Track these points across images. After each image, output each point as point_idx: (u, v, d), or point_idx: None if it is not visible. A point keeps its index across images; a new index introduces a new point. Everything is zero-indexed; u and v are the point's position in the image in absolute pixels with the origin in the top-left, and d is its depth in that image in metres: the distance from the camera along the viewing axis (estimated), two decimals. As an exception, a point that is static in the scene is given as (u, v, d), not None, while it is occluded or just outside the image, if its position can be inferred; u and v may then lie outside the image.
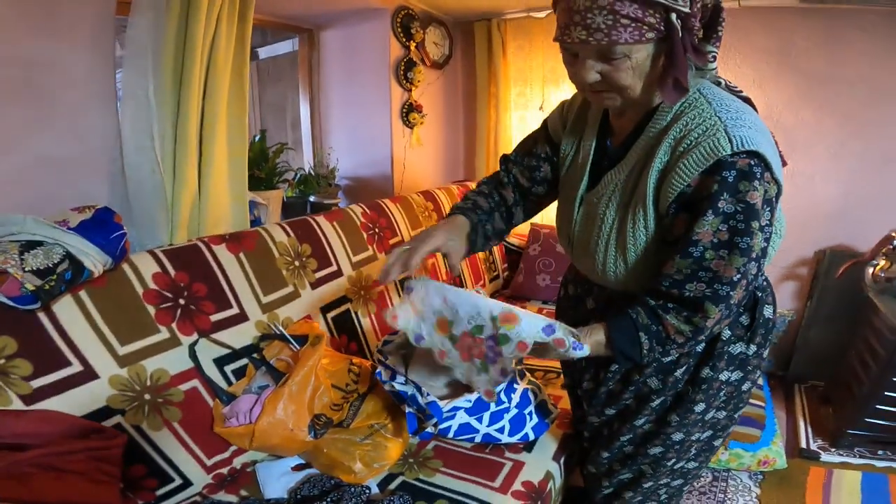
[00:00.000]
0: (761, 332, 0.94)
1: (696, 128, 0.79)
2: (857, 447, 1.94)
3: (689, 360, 0.95)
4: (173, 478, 1.02)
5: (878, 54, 2.06)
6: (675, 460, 1.04)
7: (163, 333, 1.04)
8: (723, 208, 0.77)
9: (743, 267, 0.78)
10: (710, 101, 0.80)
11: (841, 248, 2.26)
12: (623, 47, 0.75)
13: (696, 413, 0.97)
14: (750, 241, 0.77)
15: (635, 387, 1.00)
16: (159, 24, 1.17)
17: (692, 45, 0.77)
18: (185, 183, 1.25)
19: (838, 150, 2.20)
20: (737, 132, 0.76)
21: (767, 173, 0.77)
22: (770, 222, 0.79)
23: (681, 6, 0.73)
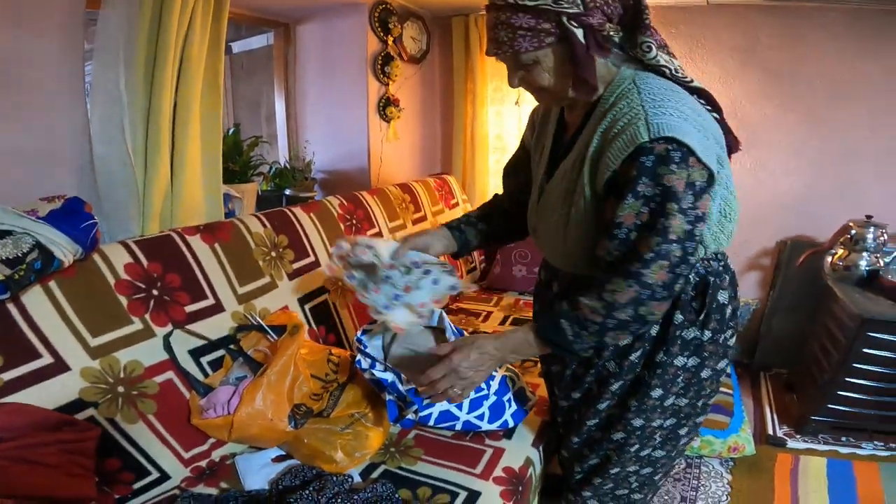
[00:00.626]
0: (716, 317, 0.96)
1: (623, 117, 0.83)
2: (822, 433, 1.99)
3: (645, 345, 0.97)
4: (150, 471, 1.00)
5: (837, 52, 2.15)
6: (639, 446, 1.06)
7: (136, 324, 1.03)
8: (642, 191, 0.80)
9: (657, 247, 0.80)
10: (640, 91, 0.83)
11: (801, 239, 2.34)
12: (529, 54, 0.84)
13: (654, 398, 0.99)
14: (666, 221, 0.79)
15: (595, 370, 1.03)
16: (131, 17, 1.17)
17: (596, 42, 0.83)
18: (156, 175, 1.24)
19: (798, 144, 2.29)
20: (655, 119, 0.79)
21: (692, 158, 0.79)
22: (696, 206, 0.81)
23: (567, 9, 0.80)
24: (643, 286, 0.82)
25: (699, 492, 1.70)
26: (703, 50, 2.31)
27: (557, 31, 0.82)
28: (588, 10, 0.81)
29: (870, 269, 1.98)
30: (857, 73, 2.15)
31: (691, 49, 2.32)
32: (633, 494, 1.16)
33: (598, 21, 0.82)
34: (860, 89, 2.16)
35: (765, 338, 2.47)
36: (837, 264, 2.05)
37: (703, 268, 0.96)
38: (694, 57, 2.33)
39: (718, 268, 0.98)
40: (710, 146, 0.83)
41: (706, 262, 0.97)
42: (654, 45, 0.85)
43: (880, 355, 1.79)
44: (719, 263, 0.98)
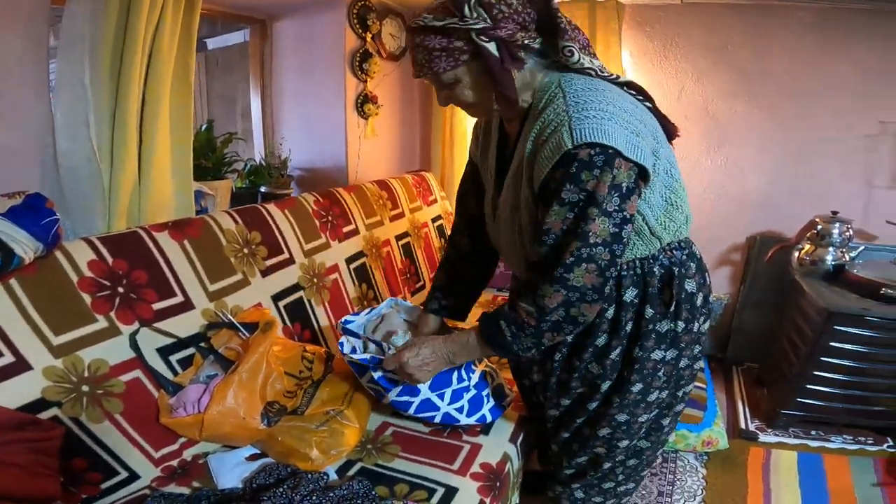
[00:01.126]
0: (686, 307, 0.96)
1: (550, 123, 0.84)
2: (792, 427, 2.02)
3: (623, 342, 0.98)
4: (118, 471, 0.99)
5: (804, 50, 2.20)
6: (627, 440, 1.07)
7: (100, 323, 1.01)
8: (567, 198, 0.82)
9: (578, 251, 0.82)
10: (566, 95, 0.84)
11: (770, 234, 2.39)
12: (448, 74, 0.87)
13: (635, 393, 1.00)
14: (586, 226, 0.81)
15: (579, 373, 1.03)
16: (97, 13, 1.15)
17: (511, 55, 0.84)
18: (123, 171, 1.22)
19: (767, 142, 2.34)
20: (578, 125, 0.80)
21: (618, 159, 0.80)
22: (622, 208, 0.82)
23: (474, 25, 0.81)
24: (570, 290, 0.84)
25: (675, 486, 1.72)
26: (677, 49, 2.34)
27: (470, 48, 0.84)
28: (497, 23, 0.82)
29: (836, 264, 2.03)
30: (822, 71, 2.20)
31: (665, 48, 2.35)
32: (618, 487, 1.17)
33: (509, 32, 0.83)
34: (826, 87, 2.21)
35: (736, 332, 2.51)
36: (804, 259, 2.10)
37: (667, 258, 0.97)
38: (668, 56, 2.36)
39: (682, 257, 0.98)
40: (639, 142, 0.83)
41: (669, 253, 0.97)
42: (575, 48, 0.86)
43: (846, 349, 1.83)
44: (683, 252, 0.99)
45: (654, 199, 0.91)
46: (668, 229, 0.95)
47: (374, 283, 1.79)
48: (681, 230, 0.98)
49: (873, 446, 1.91)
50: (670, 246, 0.98)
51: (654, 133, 0.89)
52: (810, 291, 1.94)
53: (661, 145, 0.90)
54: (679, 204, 0.96)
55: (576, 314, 0.86)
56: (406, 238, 2.06)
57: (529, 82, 0.90)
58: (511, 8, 0.83)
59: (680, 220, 0.97)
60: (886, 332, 1.78)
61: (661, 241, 0.95)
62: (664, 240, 0.96)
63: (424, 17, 0.84)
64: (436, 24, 0.82)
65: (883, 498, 1.64)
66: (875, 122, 2.17)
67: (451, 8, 0.82)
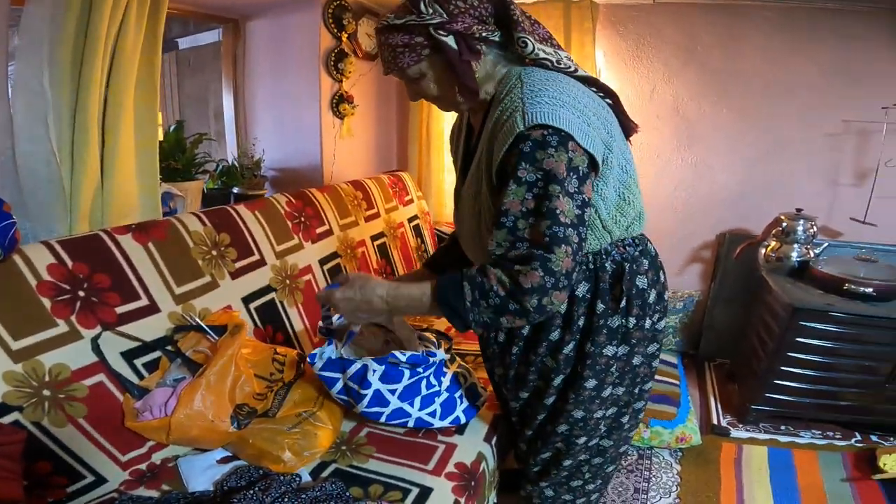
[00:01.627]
0: (637, 303, 0.98)
1: (506, 110, 0.86)
2: (762, 422, 2.05)
3: (575, 336, 0.99)
4: (84, 475, 0.98)
5: (770, 49, 2.25)
6: (586, 437, 1.09)
7: (61, 327, 0.99)
8: (524, 177, 0.82)
9: (549, 230, 0.80)
10: (524, 84, 0.86)
11: (739, 231, 2.44)
12: (413, 68, 0.92)
13: (589, 389, 1.01)
14: (551, 203, 0.80)
15: (535, 367, 1.04)
16: (57, 14, 1.13)
17: (468, 47, 0.88)
18: (84, 173, 1.20)
19: (735, 140, 2.38)
20: (531, 109, 0.82)
21: (571, 142, 0.82)
22: (581, 190, 0.82)
23: (431, 20, 0.86)
24: (549, 273, 0.80)
25: (651, 483, 1.74)
26: (649, 48, 2.37)
27: (430, 43, 0.88)
28: (453, 17, 0.86)
29: (801, 260, 2.08)
30: (788, 71, 2.25)
31: (638, 48, 2.39)
32: (586, 485, 1.18)
33: (465, 25, 0.87)
34: (791, 86, 2.26)
35: (708, 329, 2.55)
36: (771, 256, 2.15)
37: (619, 254, 0.98)
38: (640, 56, 2.39)
39: (635, 253, 1.00)
40: (591, 132, 0.85)
41: (622, 249, 0.99)
42: (529, 40, 0.88)
43: (812, 344, 1.87)
44: (636, 249, 1.00)
45: (607, 193, 0.92)
46: (618, 224, 0.96)
47: (349, 284, 1.79)
48: (633, 226, 1.00)
49: (841, 441, 1.95)
50: (624, 242, 1.00)
51: (607, 127, 0.90)
52: (776, 287, 1.98)
53: (614, 140, 0.91)
54: (631, 200, 0.97)
55: (547, 303, 0.82)
56: (382, 238, 2.06)
57: (491, 74, 0.93)
58: (467, 3, 0.87)
59: (631, 216, 0.98)
60: (850, 327, 1.83)
61: (611, 236, 0.97)
62: (615, 234, 0.97)
63: (388, 17, 0.90)
64: (397, 23, 0.88)
65: (852, 493, 1.67)
66: (839, 121, 2.23)
67: (409, 6, 0.87)
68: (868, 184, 2.16)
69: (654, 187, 2.50)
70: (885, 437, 1.97)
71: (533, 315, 0.84)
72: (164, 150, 1.45)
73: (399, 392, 1.14)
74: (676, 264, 2.59)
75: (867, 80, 2.17)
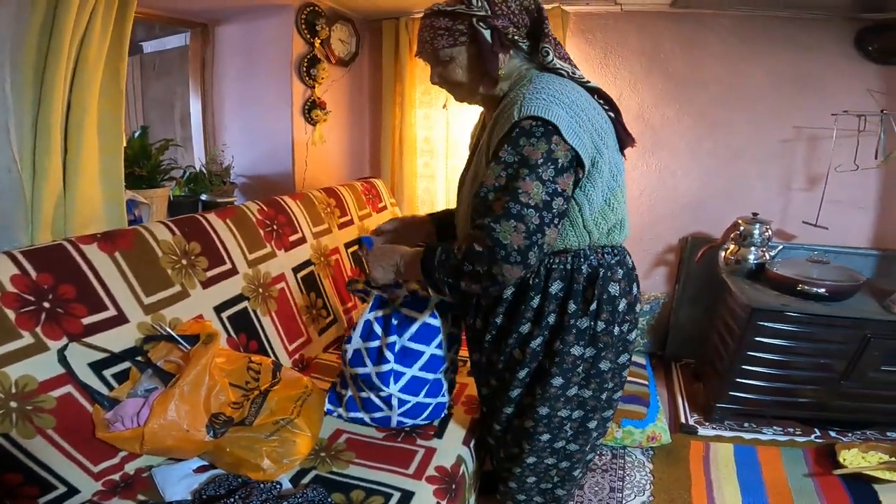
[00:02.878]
0: (607, 308, 1.03)
1: (510, 103, 0.94)
2: (727, 420, 2.11)
3: (544, 332, 1.04)
4: (55, 485, 0.96)
5: (727, 56, 2.33)
6: (550, 437, 1.12)
7: (26, 339, 0.96)
8: (503, 157, 0.91)
9: (506, 205, 0.88)
10: (532, 83, 0.95)
11: (700, 235, 2.52)
12: (446, 51, 1.02)
13: (555, 387, 1.05)
14: (516, 183, 0.88)
15: (504, 357, 1.09)
16: (21, 17, 1.10)
17: (500, 42, 0.97)
18: (46, 181, 1.16)
19: (695, 146, 2.46)
20: (528, 103, 0.90)
21: (556, 136, 0.89)
22: (555, 180, 0.89)
23: (477, 12, 0.97)
24: (495, 243, 0.87)
25: (625, 481, 1.78)
26: (616, 56, 2.44)
27: (469, 32, 0.99)
28: (495, 14, 0.98)
29: (757, 263, 2.17)
30: (743, 77, 2.34)
31: (605, 55, 2.45)
32: (556, 489, 1.22)
33: (503, 24, 0.98)
34: (746, 93, 2.35)
35: (674, 330, 2.62)
36: (730, 259, 2.23)
37: (597, 259, 1.04)
38: (608, 63, 2.45)
39: (611, 261, 1.05)
40: (580, 131, 0.91)
41: (600, 255, 1.04)
42: (551, 50, 0.98)
43: (770, 343, 1.95)
44: (613, 258, 1.06)
45: (594, 195, 0.99)
46: (599, 227, 1.02)
47: (324, 292, 1.78)
48: (613, 233, 1.05)
49: (802, 437, 2.03)
50: (603, 249, 1.05)
51: (600, 133, 0.97)
52: (735, 289, 2.06)
53: (606, 146, 0.98)
54: (616, 207, 1.04)
55: (497, 272, 0.89)
56: (356, 246, 2.05)
57: (511, 73, 1.03)
58: (510, 8, 0.99)
59: (612, 222, 1.04)
60: (805, 326, 1.91)
61: (590, 237, 1.02)
62: (594, 235, 1.02)
63: (439, 4, 1.02)
64: (446, 9, 1.00)
65: (814, 488, 1.74)
66: (790, 127, 2.33)
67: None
68: (819, 188, 2.26)
69: (621, 193, 2.56)
70: (843, 433, 2.06)
71: (485, 282, 0.91)
72: (128, 157, 1.42)
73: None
74: (643, 268, 2.66)
75: (818, 87, 2.27)
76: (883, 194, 2.31)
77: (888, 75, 2.20)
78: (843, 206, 2.31)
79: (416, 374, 1.22)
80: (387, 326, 1.23)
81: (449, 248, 0.97)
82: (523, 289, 1.05)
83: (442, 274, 0.96)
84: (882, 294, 2.00)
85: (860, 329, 1.88)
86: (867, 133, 2.12)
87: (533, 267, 0.93)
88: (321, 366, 1.64)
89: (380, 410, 1.25)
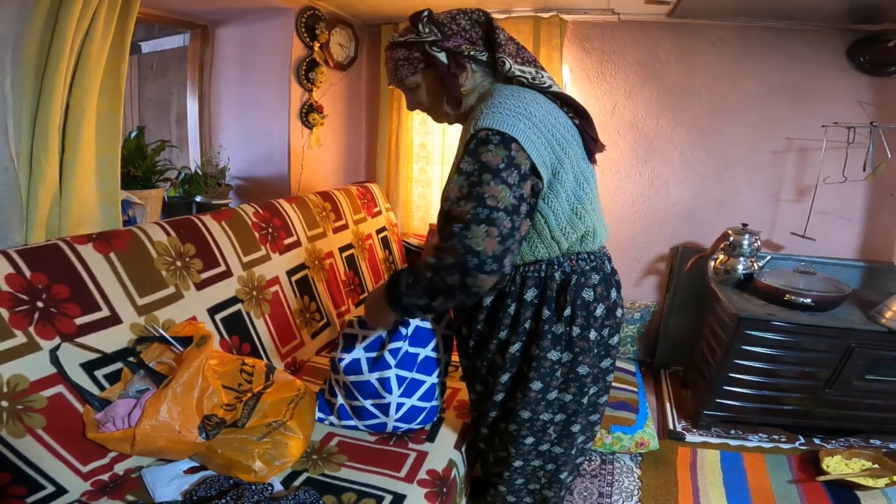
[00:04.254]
0: (582, 314, 1.04)
1: (472, 117, 0.97)
2: (714, 427, 2.13)
3: (522, 338, 1.06)
4: (43, 485, 0.96)
5: (721, 66, 2.36)
6: (534, 440, 1.14)
7: (18, 338, 0.96)
8: (464, 168, 0.92)
9: (472, 210, 0.86)
10: (493, 96, 0.97)
11: (690, 245, 2.55)
12: (409, 80, 1.06)
13: (535, 391, 1.07)
14: (481, 189, 0.88)
15: (487, 362, 1.11)
16: (24, 15, 1.11)
17: (456, 62, 1.02)
18: (43, 180, 1.16)
19: (687, 155, 2.49)
20: (484, 117, 0.92)
21: (514, 144, 0.90)
22: (521, 185, 0.90)
23: (427, 38, 1.00)
24: (467, 250, 0.85)
25: (614, 487, 1.79)
26: (612, 65, 2.46)
27: (425, 58, 1.03)
28: (446, 36, 1.01)
29: (746, 273, 2.19)
30: (736, 87, 2.36)
31: (602, 64, 2.47)
32: (544, 490, 1.23)
33: (456, 44, 1.01)
34: (739, 103, 2.37)
35: (663, 338, 2.64)
36: (719, 268, 2.25)
37: (570, 266, 1.05)
38: (604, 72, 2.47)
39: (586, 267, 1.06)
40: (538, 142, 0.93)
41: (574, 262, 1.05)
42: (507, 60, 0.99)
43: (756, 351, 1.97)
44: (588, 264, 1.07)
45: (558, 206, 0.99)
46: (567, 236, 1.03)
47: (317, 296, 1.79)
48: (586, 241, 1.06)
49: (786, 444, 2.05)
50: (578, 256, 1.06)
51: (562, 143, 0.97)
52: (723, 298, 2.08)
53: (568, 156, 0.98)
54: (584, 216, 1.04)
55: (471, 283, 0.86)
56: (350, 250, 2.07)
57: (477, 87, 1.06)
58: (460, 26, 1.02)
59: (582, 230, 1.04)
60: (791, 335, 1.94)
61: (559, 246, 1.03)
62: (563, 245, 1.03)
63: (394, 37, 1.07)
64: (400, 40, 1.05)
65: (798, 494, 1.76)
66: (782, 138, 2.36)
67: (411, 27, 1.03)
68: (808, 200, 2.29)
69: (613, 201, 2.59)
70: (826, 440, 2.08)
71: (459, 295, 0.89)
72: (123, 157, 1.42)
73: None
74: (634, 276, 2.68)
75: (809, 98, 2.29)
76: (870, 206, 2.35)
77: (879, 87, 2.23)
78: (831, 217, 2.35)
79: (414, 376, 1.24)
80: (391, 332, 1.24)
81: (413, 269, 0.94)
82: (501, 296, 1.07)
83: (413, 301, 0.95)
84: (867, 305, 2.03)
85: (845, 339, 1.90)
86: (856, 145, 2.14)
87: (507, 274, 0.91)
88: (314, 369, 1.65)
89: (375, 418, 1.25)
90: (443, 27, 1.01)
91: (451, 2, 2.28)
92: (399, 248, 2.48)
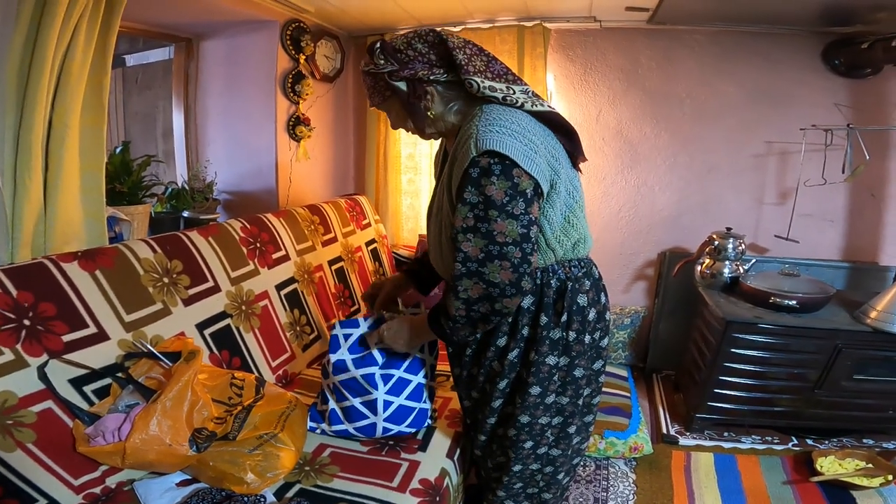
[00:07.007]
0: (577, 318, 1.07)
1: (464, 137, 0.97)
2: (706, 430, 2.14)
3: (520, 345, 1.08)
4: (35, 498, 0.95)
5: (701, 72, 2.40)
6: (533, 444, 1.14)
7: (6, 355, 0.96)
8: (468, 199, 0.94)
9: (485, 248, 0.93)
10: (483, 114, 0.97)
11: (677, 250, 2.57)
12: (382, 106, 1.09)
13: (534, 396, 1.09)
14: (489, 226, 0.92)
15: (484, 369, 1.12)
16: (6, 31, 1.11)
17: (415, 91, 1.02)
18: (27, 198, 1.16)
19: (671, 161, 2.52)
20: (482, 137, 0.92)
21: (515, 169, 0.92)
22: (528, 211, 0.93)
23: (384, 69, 1.00)
24: (489, 284, 0.94)
25: (609, 492, 1.79)
26: (596, 73, 2.49)
27: (389, 87, 1.03)
28: (402, 64, 1.00)
29: (732, 276, 2.22)
30: (716, 92, 2.40)
31: (586, 72, 2.50)
32: (542, 493, 1.24)
33: (412, 72, 1.00)
34: (719, 108, 2.41)
35: (654, 342, 2.65)
36: (705, 273, 2.27)
37: (564, 273, 1.07)
38: (588, 80, 2.51)
39: (579, 274, 1.09)
40: (537, 158, 0.95)
41: (567, 269, 1.08)
42: (474, 80, 0.98)
43: (745, 354, 1.99)
44: (581, 270, 1.10)
45: (553, 216, 1.02)
46: (562, 244, 1.06)
47: (307, 309, 1.78)
48: (577, 247, 1.09)
49: (779, 445, 2.06)
50: (570, 263, 1.09)
51: (554, 155, 1.00)
52: (711, 302, 2.10)
53: (561, 166, 1.01)
54: (576, 224, 1.07)
55: (499, 308, 0.96)
56: (339, 263, 2.06)
57: (451, 108, 1.06)
58: (417, 51, 1.00)
59: (575, 238, 1.07)
60: (778, 337, 1.96)
61: (555, 254, 1.06)
62: (558, 253, 1.06)
63: (363, 65, 1.06)
64: (364, 70, 1.05)
65: (793, 495, 1.76)
66: (762, 141, 2.40)
67: (371, 58, 1.03)
68: (790, 202, 2.33)
69: (600, 208, 2.61)
70: (819, 441, 2.09)
71: (494, 317, 0.99)
72: (109, 173, 1.41)
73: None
74: (623, 282, 2.70)
75: (787, 102, 2.33)
76: (851, 208, 2.39)
77: (855, 89, 2.27)
78: (814, 219, 2.38)
79: (402, 374, 1.26)
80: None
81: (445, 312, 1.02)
82: None
83: (459, 335, 1.03)
84: (852, 305, 2.06)
85: (831, 339, 1.93)
86: (834, 147, 2.18)
87: (529, 291, 0.98)
88: (305, 381, 1.64)
89: (364, 418, 1.26)
90: (398, 54, 1.00)
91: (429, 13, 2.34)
92: (389, 260, 2.48)
